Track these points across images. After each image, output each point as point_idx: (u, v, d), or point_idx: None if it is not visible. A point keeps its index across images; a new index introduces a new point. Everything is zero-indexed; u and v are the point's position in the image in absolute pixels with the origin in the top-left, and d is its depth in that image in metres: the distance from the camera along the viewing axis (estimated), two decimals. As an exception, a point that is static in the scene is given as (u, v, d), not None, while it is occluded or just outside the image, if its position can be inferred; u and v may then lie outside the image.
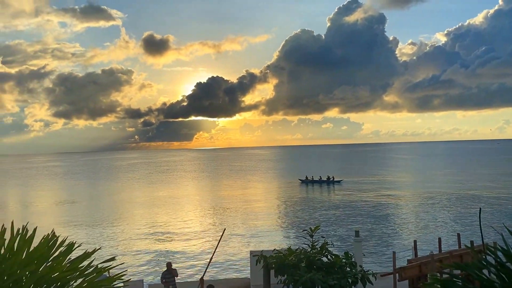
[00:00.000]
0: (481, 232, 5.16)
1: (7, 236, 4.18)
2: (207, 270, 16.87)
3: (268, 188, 73.27)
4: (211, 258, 14.28)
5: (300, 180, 79.33)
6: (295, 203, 53.64)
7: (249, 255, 18.85)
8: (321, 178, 77.24)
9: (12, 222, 4.33)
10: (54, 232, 4.38)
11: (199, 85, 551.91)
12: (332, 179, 76.32)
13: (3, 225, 4.38)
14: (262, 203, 54.53)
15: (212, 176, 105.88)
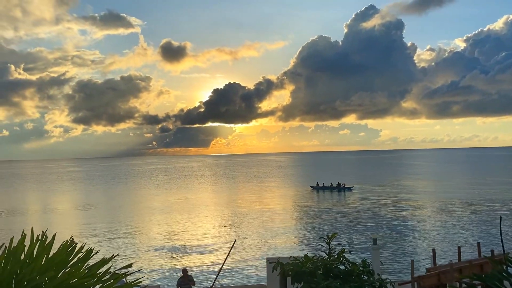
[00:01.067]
0: (501, 241, 5.07)
1: (27, 242, 4.26)
2: (216, 279, 16.85)
3: (283, 194, 73.13)
4: (221, 269, 14.31)
5: (311, 186, 79.73)
6: (310, 209, 53.35)
7: (265, 262, 18.79)
8: (332, 184, 77.41)
9: (32, 228, 4.40)
10: (72, 239, 4.44)
11: (216, 91, 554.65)
12: (343, 185, 76.35)
13: (23, 231, 4.45)
14: (278, 209, 54.38)
15: (228, 182, 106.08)
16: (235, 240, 17.08)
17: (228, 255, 14.65)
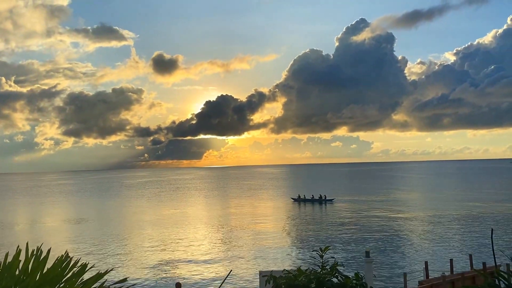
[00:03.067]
0: (493, 254, 5.11)
1: (22, 257, 4.24)
2: None
3: (275, 206, 73.10)
4: None
5: (292, 199, 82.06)
6: (297, 222, 53.24)
7: (258, 275, 18.72)
8: (313, 196, 79.39)
9: (27, 244, 4.39)
10: (67, 253, 4.43)
11: (208, 103, 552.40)
12: (324, 198, 78.14)
13: (18, 246, 4.44)
14: (270, 221, 54.22)
15: (220, 195, 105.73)
16: (231, 270, 17.10)
17: (221, 285, 14.63)
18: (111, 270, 4.83)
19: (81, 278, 4.21)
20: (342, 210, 65.29)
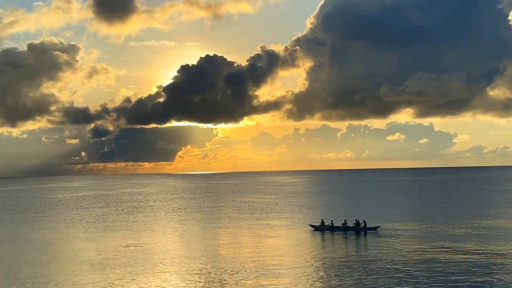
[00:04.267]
0: None
1: None
2: None
3: (284, 238, 73.19)
4: None
5: (312, 226, 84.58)
6: (328, 267, 53.01)
7: None
8: (345, 223, 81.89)
9: None
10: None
11: (184, 70, 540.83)
12: (363, 225, 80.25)
13: None
14: (275, 267, 54.06)
15: (203, 219, 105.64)
16: None
17: None
18: None
19: None
20: (394, 246, 65.05)
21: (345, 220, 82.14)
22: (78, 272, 52.07)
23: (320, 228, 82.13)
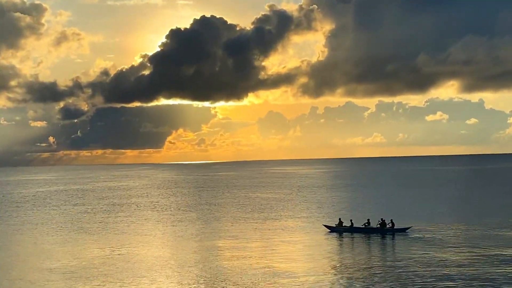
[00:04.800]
0: None
1: None
2: None
3: (295, 242, 74.04)
4: None
5: (326, 227, 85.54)
6: (351, 278, 53.37)
7: None
8: (368, 223, 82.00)
9: None
10: None
11: (175, 35, 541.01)
12: (390, 225, 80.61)
13: None
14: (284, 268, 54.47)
15: (198, 219, 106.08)
16: None
17: None
18: None
19: None
20: (430, 252, 65.34)
21: (368, 220, 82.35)
22: (47, 285, 52.58)
23: (338, 230, 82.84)
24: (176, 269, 59.15)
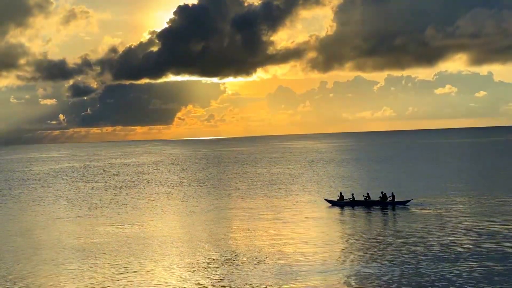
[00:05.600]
0: None
1: None
2: None
3: (296, 216, 74.74)
4: None
5: (328, 201, 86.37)
6: (352, 250, 53.42)
7: None
8: (368, 196, 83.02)
9: None
10: None
11: (183, 11, 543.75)
12: (391, 198, 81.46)
13: None
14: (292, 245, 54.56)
15: (207, 194, 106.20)
16: None
17: None
18: None
19: None
20: (428, 223, 65.87)
21: (367, 194, 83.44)
22: (60, 261, 52.84)
23: (339, 203, 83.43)
24: (188, 243, 59.41)
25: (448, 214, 71.91)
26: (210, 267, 48.09)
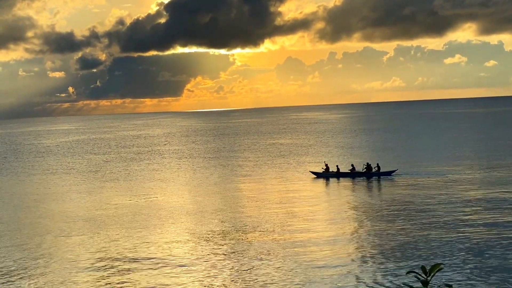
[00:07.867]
0: None
1: None
2: None
3: (276, 187, 75.00)
4: None
5: (312, 173, 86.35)
6: (339, 220, 53.85)
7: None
8: (353, 168, 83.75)
9: None
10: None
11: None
12: (376, 169, 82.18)
13: None
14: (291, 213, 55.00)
15: (225, 169, 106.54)
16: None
17: None
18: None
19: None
20: (412, 191, 66.53)
21: (352, 165, 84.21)
22: (72, 232, 53.49)
23: (324, 175, 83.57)
24: (199, 214, 59.91)
25: (431, 184, 72.74)
26: (219, 238, 48.61)
